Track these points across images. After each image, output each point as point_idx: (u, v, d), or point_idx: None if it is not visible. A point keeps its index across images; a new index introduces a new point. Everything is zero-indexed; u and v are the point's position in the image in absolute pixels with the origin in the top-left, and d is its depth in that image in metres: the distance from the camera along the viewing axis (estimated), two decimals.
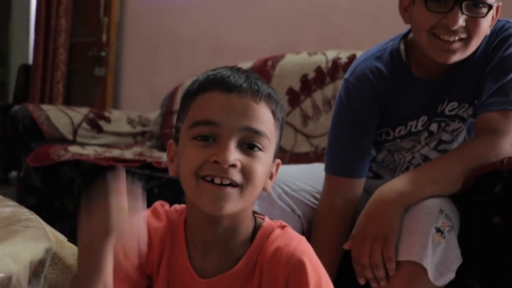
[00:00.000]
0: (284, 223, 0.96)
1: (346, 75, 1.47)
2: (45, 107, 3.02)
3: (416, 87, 1.40)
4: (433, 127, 1.42)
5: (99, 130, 3.07)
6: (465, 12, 1.23)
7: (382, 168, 1.55)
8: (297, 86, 2.49)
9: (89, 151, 2.61)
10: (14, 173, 4.58)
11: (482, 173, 1.23)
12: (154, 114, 3.34)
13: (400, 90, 1.41)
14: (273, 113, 0.89)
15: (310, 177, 1.52)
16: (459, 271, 1.23)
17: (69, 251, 1.04)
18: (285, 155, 2.38)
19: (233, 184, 0.84)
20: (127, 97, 4.02)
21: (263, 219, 0.96)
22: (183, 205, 0.99)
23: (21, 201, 2.80)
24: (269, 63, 2.72)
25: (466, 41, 1.27)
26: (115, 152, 2.67)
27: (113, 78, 4.03)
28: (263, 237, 0.92)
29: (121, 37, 4.04)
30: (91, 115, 3.10)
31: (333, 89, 2.33)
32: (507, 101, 1.27)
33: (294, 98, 2.50)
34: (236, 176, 0.84)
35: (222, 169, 0.83)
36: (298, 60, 2.57)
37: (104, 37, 3.99)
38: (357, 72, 1.43)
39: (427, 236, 1.17)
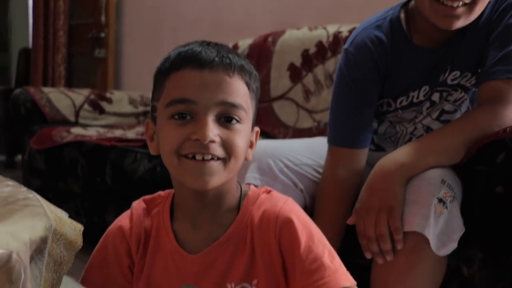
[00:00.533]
0: (269, 188, 0.98)
1: (345, 45, 1.45)
2: (46, 89, 3.05)
3: (417, 55, 1.38)
4: (435, 97, 1.41)
5: (101, 111, 3.10)
6: None
7: (384, 140, 1.54)
8: (298, 61, 2.47)
9: (92, 132, 2.63)
10: (19, 157, 4.64)
11: (485, 142, 1.22)
12: None
13: (401, 59, 1.39)
14: (247, 84, 0.89)
15: (312, 151, 1.52)
16: (461, 241, 1.22)
17: (69, 226, 1.04)
18: (288, 131, 2.38)
19: (215, 159, 0.85)
20: (128, 77, 4.04)
21: (249, 187, 0.98)
22: (169, 191, 1.01)
23: (27, 183, 2.84)
24: (270, 39, 2.70)
25: (470, 6, 1.23)
26: (118, 133, 2.69)
27: (113, 59, 4.06)
28: (250, 204, 0.94)
29: (120, 17, 4.06)
30: (92, 96, 3.13)
31: (335, 63, 2.31)
32: (506, 70, 1.25)
33: (295, 73, 2.49)
34: (218, 151, 0.85)
35: (202, 146, 0.84)
36: (299, 35, 2.54)
37: (103, 18, 4.02)
38: (356, 41, 1.42)
39: (429, 206, 1.16)
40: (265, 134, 2.44)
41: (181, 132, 0.85)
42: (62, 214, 1.07)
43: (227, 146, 0.86)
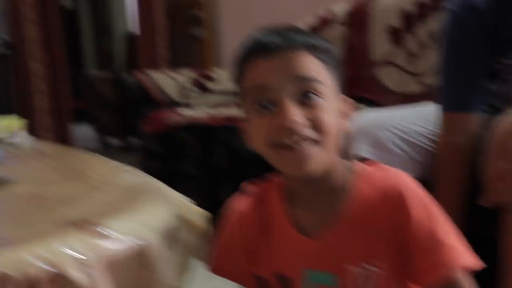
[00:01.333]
0: (375, 161, 0.96)
1: (449, 4, 1.44)
2: (151, 73, 3.17)
3: None
4: None
5: (206, 89, 3.19)
6: None
7: (504, 102, 1.49)
8: (397, 23, 2.44)
9: (201, 113, 2.71)
10: (131, 140, 4.90)
11: None
12: None
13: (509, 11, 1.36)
14: (318, 57, 0.87)
15: (422, 118, 1.51)
16: None
17: (196, 213, 1.13)
18: (395, 97, 2.36)
19: (309, 143, 0.84)
20: (228, 54, 4.08)
21: (356, 164, 0.96)
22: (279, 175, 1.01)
23: (145, 167, 2.99)
24: (366, 1, 2.68)
25: None
26: (225, 111, 2.73)
27: (212, 37, 4.15)
28: (359, 181, 0.92)
29: None
30: (195, 76, 3.22)
31: (438, 21, 2.26)
32: None
33: (395, 36, 2.46)
34: (307, 132, 0.84)
35: (289, 131, 0.83)
36: None
37: None
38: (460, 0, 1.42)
39: None
40: (371, 102, 2.43)
41: (267, 122, 0.85)
42: (186, 200, 1.17)
43: (317, 126, 0.84)
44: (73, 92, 4.39)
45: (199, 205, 2.65)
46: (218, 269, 1.02)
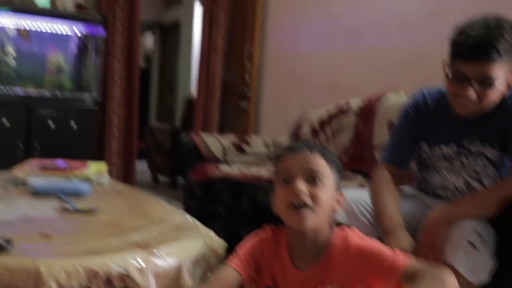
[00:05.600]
0: (343, 226, 1.22)
1: (409, 101, 1.76)
2: (202, 134, 3.30)
3: (451, 120, 1.61)
4: (464, 159, 1.60)
5: (242, 151, 3.29)
6: (475, 87, 1.44)
7: (437, 189, 1.72)
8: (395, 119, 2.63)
9: (235, 169, 2.82)
10: (178, 178, 5.07)
11: None
12: (284, 138, 3.47)
13: (438, 119, 1.65)
14: (326, 159, 1.16)
15: None
16: (498, 275, 1.38)
17: (217, 243, 1.36)
18: None
19: (306, 205, 1.10)
20: (265, 125, 4.22)
21: (336, 229, 1.21)
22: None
23: (186, 204, 3.11)
24: (375, 101, 2.85)
25: (479, 103, 1.47)
26: (254, 170, 2.84)
27: (254, 110, 4.27)
28: (337, 239, 1.17)
29: (261, 77, 4.27)
30: (236, 140, 3.32)
31: None
32: None
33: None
34: (307, 199, 1.10)
35: (297, 195, 1.10)
36: (396, 98, 2.68)
37: (247, 77, 4.26)
38: (412, 99, 1.73)
39: (460, 246, 1.33)
40: (365, 175, 2.59)
41: (286, 191, 1.13)
42: (213, 234, 1.40)
43: (313, 197, 1.11)
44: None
45: (224, 238, 2.88)
46: (234, 263, 1.20)
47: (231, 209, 2.69)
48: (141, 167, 5.77)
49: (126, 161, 4.31)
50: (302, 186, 1.11)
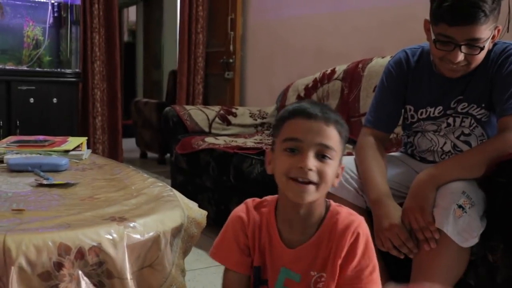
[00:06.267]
0: (340, 204, 1.14)
1: (390, 61, 1.71)
2: (187, 107, 3.27)
3: (434, 80, 1.57)
4: (451, 120, 1.58)
5: (228, 123, 3.29)
6: (463, 51, 1.39)
7: (424, 153, 1.70)
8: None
9: (220, 141, 2.81)
10: (168, 155, 4.98)
11: (503, 160, 1.35)
12: (271, 108, 3.50)
13: (422, 78, 1.60)
14: (339, 133, 1.03)
15: None
16: (487, 235, 1.36)
17: (198, 213, 1.32)
18: None
19: (312, 182, 1.00)
20: (250, 95, 4.20)
21: (330, 202, 1.13)
22: (273, 196, 1.15)
23: (173, 178, 3.13)
24: (360, 65, 2.84)
25: (467, 66, 1.44)
26: (240, 141, 2.85)
27: (239, 80, 4.23)
28: (332, 217, 1.09)
29: (245, 47, 4.24)
30: (221, 112, 3.31)
31: None
32: None
33: None
34: (313, 177, 1.00)
35: (304, 172, 0.99)
36: (383, 62, 2.62)
37: (231, 47, 4.21)
38: (395, 58, 1.68)
39: (449, 210, 1.30)
40: (354, 142, 2.57)
41: (290, 161, 1.00)
42: (193, 205, 1.35)
43: (320, 174, 1.00)
44: (123, 112, 4.45)
45: (213, 211, 2.88)
46: (215, 255, 1.15)
47: (218, 181, 2.68)
48: (130, 145, 5.75)
49: (112, 137, 4.26)
50: (311, 163, 1.00)
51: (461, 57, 1.40)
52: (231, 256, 1.14)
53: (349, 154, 2.27)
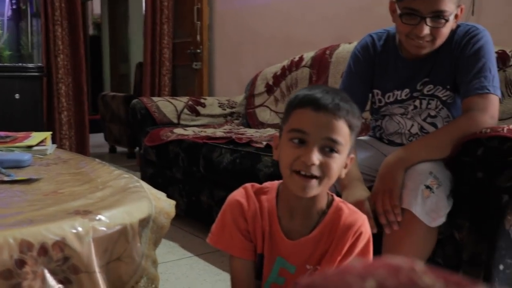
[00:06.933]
0: (344, 200, 1.12)
1: (357, 45, 1.71)
2: (155, 98, 3.24)
3: (400, 63, 1.58)
4: (417, 103, 1.59)
5: (197, 113, 3.27)
6: (429, 24, 1.41)
7: (393, 136, 1.71)
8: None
9: (189, 132, 2.79)
10: (137, 149, 4.95)
11: (467, 140, 1.37)
12: (239, 98, 3.50)
13: (388, 62, 1.61)
14: (350, 126, 0.99)
15: None
16: (453, 214, 1.37)
17: (165, 202, 1.29)
18: None
19: (315, 177, 0.98)
20: (219, 85, 4.16)
21: (333, 196, 1.11)
22: (274, 183, 1.13)
23: (143, 171, 3.10)
24: (327, 52, 2.86)
25: (433, 41, 1.45)
26: (209, 131, 2.84)
27: (207, 70, 4.19)
28: (335, 213, 1.07)
29: (212, 36, 4.20)
30: (190, 102, 3.29)
31: None
32: (479, 87, 1.42)
33: None
34: (316, 171, 0.97)
35: (307, 166, 0.96)
36: (350, 48, 2.63)
37: (198, 37, 4.16)
38: (361, 43, 1.69)
39: (417, 190, 1.31)
40: None
41: (295, 153, 0.97)
42: (161, 195, 1.33)
43: (324, 168, 0.97)
44: (91, 107, 4.38)
45: (184, 203, 2.84)
46: (218, 243, 1.12)
47: (188, 172, 2.66)
48: (99, 140, 5.67)
49: (79, 132, 4.17)
50: (315, 157, 0.96)
51: (426, 30, 1.42)
52: (234, 243, 1.10)
53: None
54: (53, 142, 2.18)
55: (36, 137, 2.08)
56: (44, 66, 3.83)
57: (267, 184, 1.14)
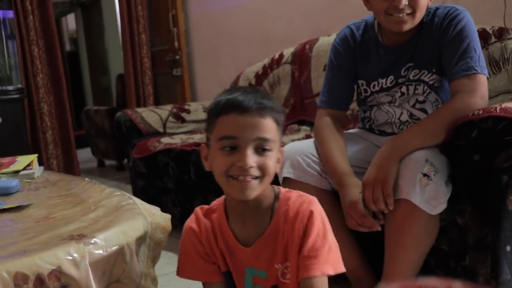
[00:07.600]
0: (291, 190, 1.10)
1: (335, 39, 1.68)
2: (139, 109, 3.19)
3: (382, 50, 1.56)
4: (404, 89, 1.57)
5: (183, 120, 3.23)
6: None
7: (383, 126, 1.68)
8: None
9: (177, 140, 2.75)
10: (126, 161, 4.87)
11: (460, 123, 1.34)
12: None
13: (370, 51, 1.59)
14: (276, 121, 1.00)
15: None
16: (454, 199, 1.35)
17: (160, 217, 1.26)
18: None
19: (253, 177, 0.97)
20: (201, 89, 4.12)
21: (279, 189, 1.09)
22: (220, 199, 1.13)
23: (134, 183, 3.04)
24: (307, 46, 2.82)
25: (412, 14, 1.43)
26: (197, 137, 2.80)
27: (188, 76, 4.14)
28: (283, 205, 1.05)
29: (189, 41, 4.15)
30: (174, 110, 3.25)
31: None
32: (466, 68, 1.40)
33: None
34: (255, 172, 0.97)
35: (244, 170, 0.96)
36: (330, 41, 2.62)
37: (176, 44, 4.12)
38: (340, 35, 1.66)
39: (415, 179, 1.29)
40: (311, 124, 2.56)
41: (228, 160, 0.97)
42: (155, 210, 1.29)
43: (262, 168, 0.97)
44: (75, 122, 4.31)
45: (178, 212, 2.78)
46: (183, 273, 1.14)
47: (180, 181, 2.63)
48: (86, 155, 5.60)
49: (65, 150, 4.12)
50: (251, 160, 0.95)
51: (404, 1, 1.40)
52: (198, 269, 1.11)
53: (308, 136, 2.25)
54: (40, 162, 2.11)
55: (22, 161, 2.02)
56: (24, 87, 3.75)
57: (214, 202, 1.13)
